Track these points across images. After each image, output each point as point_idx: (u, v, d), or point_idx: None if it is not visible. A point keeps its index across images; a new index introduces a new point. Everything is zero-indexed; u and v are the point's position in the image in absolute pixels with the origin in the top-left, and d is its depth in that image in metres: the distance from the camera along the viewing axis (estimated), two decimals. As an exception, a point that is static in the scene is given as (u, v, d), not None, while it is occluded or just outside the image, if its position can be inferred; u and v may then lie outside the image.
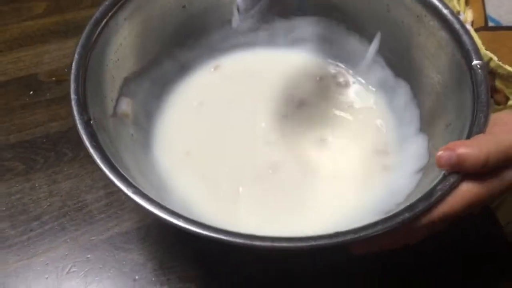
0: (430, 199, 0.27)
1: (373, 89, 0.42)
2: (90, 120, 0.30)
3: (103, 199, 0.41)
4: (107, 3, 0.35)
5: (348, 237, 0.26)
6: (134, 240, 0.39)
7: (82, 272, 0.37)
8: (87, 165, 0.43)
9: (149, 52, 0.39)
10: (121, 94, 0.36)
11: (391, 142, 0.39)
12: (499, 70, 0.37)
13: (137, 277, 0.38)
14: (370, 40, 0.41)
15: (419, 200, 0.27)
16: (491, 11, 0.38)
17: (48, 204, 0.41)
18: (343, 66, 0.43)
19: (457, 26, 0.34)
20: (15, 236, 0.39)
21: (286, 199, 0.36)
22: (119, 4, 0.35)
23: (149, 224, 0.40)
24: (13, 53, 0.52)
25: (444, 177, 0.28)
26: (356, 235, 0.26)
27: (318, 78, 0.43)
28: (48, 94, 0.48)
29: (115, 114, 0.35)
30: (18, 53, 0.52)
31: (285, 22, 0.43)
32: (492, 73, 0.38)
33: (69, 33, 0.54)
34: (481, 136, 0.28)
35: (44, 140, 0.45)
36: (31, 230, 0.40)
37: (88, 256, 0.38)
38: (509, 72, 0.37)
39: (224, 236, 0.25)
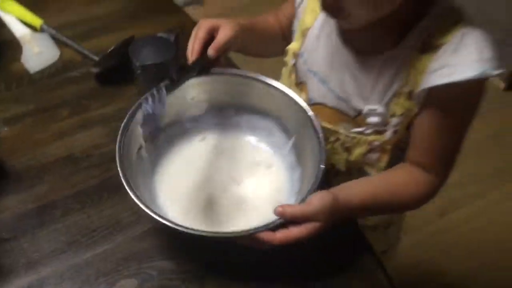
0: (267, 226, 0.60)
1: (284, 165, 0.76)
2: (123, 161, 0.66)
3: (129, 217, 0.75)
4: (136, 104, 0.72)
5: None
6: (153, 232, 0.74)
7: (134, 250, 0.72)
8: (116, 199, 0.77)
9: (166, 120, 0.75)
10: (144, 141, 0.72)
11: (284, 194, 0.73)
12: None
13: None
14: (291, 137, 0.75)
15: (260, 228, 0.60)
16: (313, 95, 0.78)
17: (100, 222, 0.75)
18: (272, 150, 0.78)
19: (321, 152, 0.66)
20: (87, 241, 0.73)
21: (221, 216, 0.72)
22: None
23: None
24: (56, 142, 0.85)
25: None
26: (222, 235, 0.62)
27: (255, 160, 0.78)
28: (84, 164, 0.83)
29: (138, 151, 0.71)
30: (59, 142, 0.86)
31: (247, 116, 0.79)
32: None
33: (88, 126, 0.88)
34: (300, 205, 0.61)
35: (89, 189, 0.79)
36: (93, 236, 0.73)
37: (135, 244, 0.72)
38: (324, 127, 0.75)
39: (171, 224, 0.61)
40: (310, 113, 0.71)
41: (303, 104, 0.72)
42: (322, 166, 0.65)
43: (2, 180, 0.79)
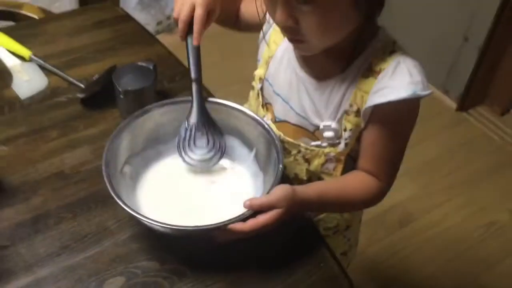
0: (239, 217, 0.70)
1: (248, 173, 0.86)
2: (110, 176, 0.77)
3: (115, 224, 0.85)
4: (120, 125, 0.83)
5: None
6: (137, 236, 0.84)
7: (120, 253, 0.81)
8: (103, 209, 0.87)
9: (142, 145, 0.86)
10: (125, 162, 0.83)
11: (250, 194, 0.81)
12: (284, 141, 0.87)
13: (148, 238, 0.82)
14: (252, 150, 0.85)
15: (233, 220, 0.70)
16: (278, 114, 0.90)
17: (90, 229, 0.84)
18: (237, 162, 0.87)
19: (278, 156, 0.77)
20: (78, 245, 0.82)
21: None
22: (126, 125, 0.84)
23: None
24: (47, 161, 0.95)
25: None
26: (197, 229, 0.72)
27: (223, 170, 0.87)
28: (73, 179, 0.92)
29: (121, 170, 0.81)
30: (49, 160, 0.95)
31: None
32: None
33: (76, 146, 0.98)
34: (265, 196, 0.72)
35: (79, 201, 0.88)
36: (84, 241, 0.82)
37: (122, 247, 0.82)
38: (287, 141, 0.87)
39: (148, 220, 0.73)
40: (267, 126, 0.83)
41: (260, 120, 0.84)
42: (281, 166, 0.77)
43: (0, 194, 0.88)
